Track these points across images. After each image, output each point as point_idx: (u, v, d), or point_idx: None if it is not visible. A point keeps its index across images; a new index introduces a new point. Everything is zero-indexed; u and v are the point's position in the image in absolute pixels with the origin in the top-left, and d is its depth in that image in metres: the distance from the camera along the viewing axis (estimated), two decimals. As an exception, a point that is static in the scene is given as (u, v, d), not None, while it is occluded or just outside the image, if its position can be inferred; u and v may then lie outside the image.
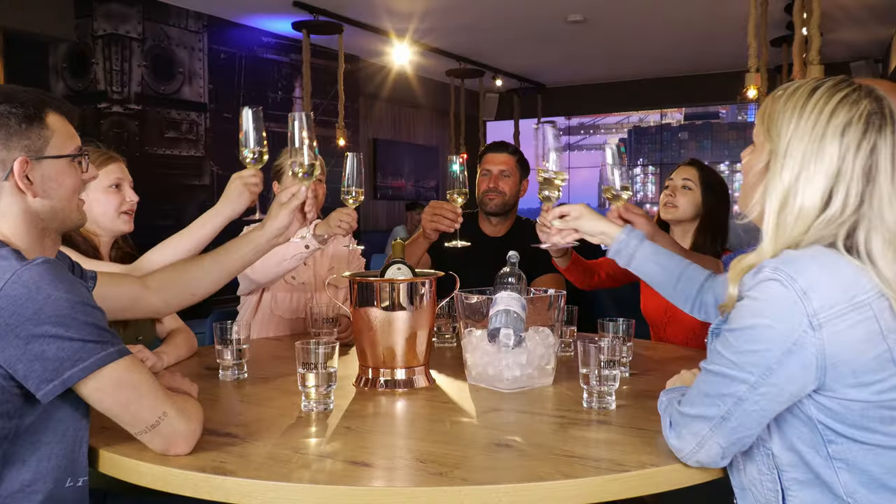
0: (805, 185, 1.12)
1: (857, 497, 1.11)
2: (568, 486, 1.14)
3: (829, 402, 1.10)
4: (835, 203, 1.11)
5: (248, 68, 6.39)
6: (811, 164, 1.12)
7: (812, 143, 1.12)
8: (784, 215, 1.14)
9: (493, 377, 1.69)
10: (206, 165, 5.80)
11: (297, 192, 1.66)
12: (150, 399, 1.20)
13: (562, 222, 1.65)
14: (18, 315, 1.09)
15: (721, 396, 1.13)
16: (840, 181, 1.11)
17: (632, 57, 7.92)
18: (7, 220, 1.23)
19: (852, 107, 1.12)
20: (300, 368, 1.51)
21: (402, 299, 1.69)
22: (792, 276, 1.07)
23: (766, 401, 1.10)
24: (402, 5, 5.84)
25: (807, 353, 1.07)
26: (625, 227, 1.60)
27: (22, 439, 1.17)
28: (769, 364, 1.08)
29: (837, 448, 1.11)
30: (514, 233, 2.80)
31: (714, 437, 1.15)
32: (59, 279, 1.13)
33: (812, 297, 1.06)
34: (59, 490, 1.21)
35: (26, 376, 1.11)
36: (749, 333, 1.10)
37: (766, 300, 1.09)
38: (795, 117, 1.14)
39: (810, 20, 3.92)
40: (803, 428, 1.13)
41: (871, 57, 7.67)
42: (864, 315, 1.06)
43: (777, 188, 1.15)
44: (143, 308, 1.60)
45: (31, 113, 1.23)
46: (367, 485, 1.14)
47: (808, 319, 1.06)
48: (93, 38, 5.34)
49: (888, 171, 1.11)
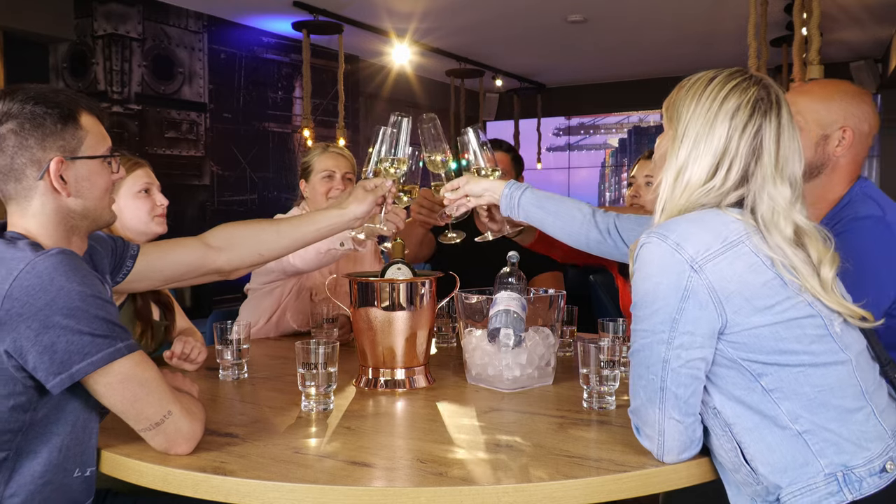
0: (694, 162, 1.24)
1: (801, 422, 1.16)
2: (568, 486, 1.14)
3: (740, 337, 1.17)
4: (717, 176, 1.23)
5: (248, 68, 6.39)
6: (701, 143, 1.24)
7: (704, 125, 1.25)
8: (674, 190, 1.25)
9: (493, 377, 1.69)
10: (206, 165, 5.79)
11: (382, 183, 1.72)
12: (157, 397, 1.20)
13: (453, 193, 1.74)
14: (31, 305, 1.10)
15: (649, 368, 1.19)
16: (725, 158, 1.23)
17: (632, 57, 7.92)
18: (37, 219, 1.24)
19: (742, 94, 1.24)
20: (300, 368, 1.51)
21: (402, 299, 1.69)
22: (664, 234, 1.19)
23: (685, 352, 1.17)
24: (402, 5, 5.84)
25: (699, 294, 1.16)
26: (509, 181, 1.70)
27: (34, 431, 1.19)
28: (672, 315, 1.17)
29: (769, 380, 1.17)
30: (514, 232, 2.79)
31: (665, 413, 1.19)
32: (74, 271, 1.14)
33: (685, 245, 1.17)
34: (68, 479, 1.23)
35: (36, 367, 1.12)
36: (645, 297, 1.20)
37: (648, 262, 1.20)
38: (693, 103, 1.27)
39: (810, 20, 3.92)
40: (732, 373, 1.19)
41: (871, 57, 7.67)
42: (740, 251, 1.17)
43: (672, 165, 1.27)
44: (207, 267, 1.63)
45: (66, 113, 1.25)
46: (367, 485, 1.14)
47: (689, 265, 1.16)
48: (93, 38, 5.34)
49: (772, 151, 1.23)
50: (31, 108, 1.22)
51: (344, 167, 2.51)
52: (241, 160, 6.17)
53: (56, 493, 1.21)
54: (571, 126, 12.00)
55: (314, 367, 1.50)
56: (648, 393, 1.21)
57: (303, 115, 6.05)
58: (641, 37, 7.04)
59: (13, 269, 1.12)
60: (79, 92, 1.38)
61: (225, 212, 5.90)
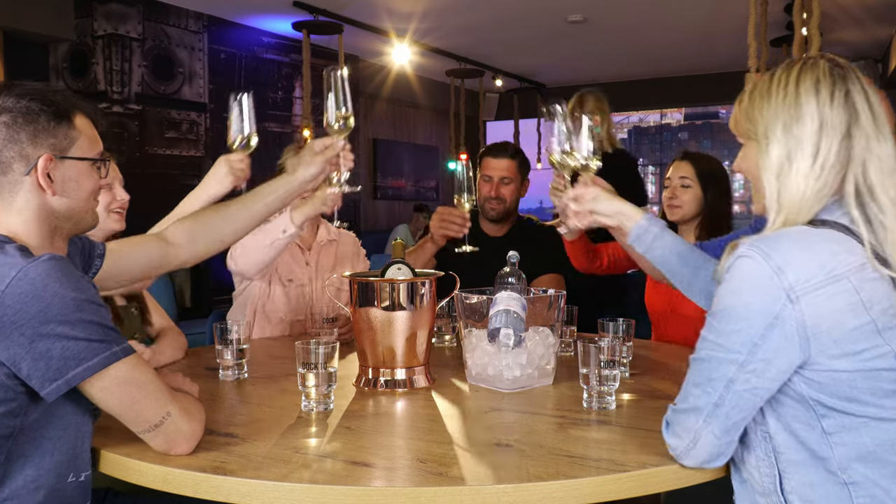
0: (795, 151, 1.17)
1: (850, 472, 1.12)
2: (568, 486, 1.14)
3: (817, 376, 1.11)
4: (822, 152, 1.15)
5: (248, 68, 6.39)
6: (793, 129, 1.17)
7: (788, 111, 1.17)
8: (784, 186, 1.17)
9: (493, 377, 1.69)
10: (206, 165, 5.76)
11: (332, 143, 1.67)
12: (155, 398, 1.20)
13: (577, 205, 1.59)
14: (24, 313, 1.09)
15: (711, 382, 1.14)
16: (824, 132, 1.15)
17: (632, 57, 7.92)
18: (21, 216, 1.24)
19: (812, 69, 1.18)
20: (300, 368, 1.51)
21: (402, 299, 1.69)
22: (767, 252, 1.10)
23: (756, 378, 1.12)
24: (402, 5, 5.84)
25: (787, 325, 1.09)
26: (646, 212, 1.59)
27: (26, 436, 1.17)
28: (754, 340, 1.10)
29: (830, 423, 1.12)
30: (515, 233, 2.80)
31: (708, 427, 1.15)
32: (67, 276, 1.13)
33: (787, 271, 1.08)
34: (62, 485, 1.21)
35: (30, 375, 1.11)
36: (730, 313, 1.12)
37: (743, 278, 1.12)
38: (765, 101, 1.20)
39: (810, 20, 3.92)
40: (796, 406, 1.14)
41: (871, 57, 7.67)
42: (842, 287, 1.09)
43: (770, 167, 1.19)
44: (172, 262, 1.62)
45: (61, 113, 1.24)
46: (367, 485, 1.14)
47: (786, 293, 1.08)
48: (93, 38, 5.34)
49: (867, 111, 1.17)
50: (26, 104, 1.21)
51: None
52: (240, 160, 6.17)
53: (50, 498, 1.19)
54: (571, 126, 11.98)
55: (314, 367, 1.50)
56: (699, 403, 1.15)
57: (303, 115, 6.06)
58: (641, 37, 7.04)
59: (4, 276, 1.10)
60: (78, 94, 1.38)
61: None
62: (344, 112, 1.69)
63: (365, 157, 8.23)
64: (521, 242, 2.70)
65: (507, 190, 2.72)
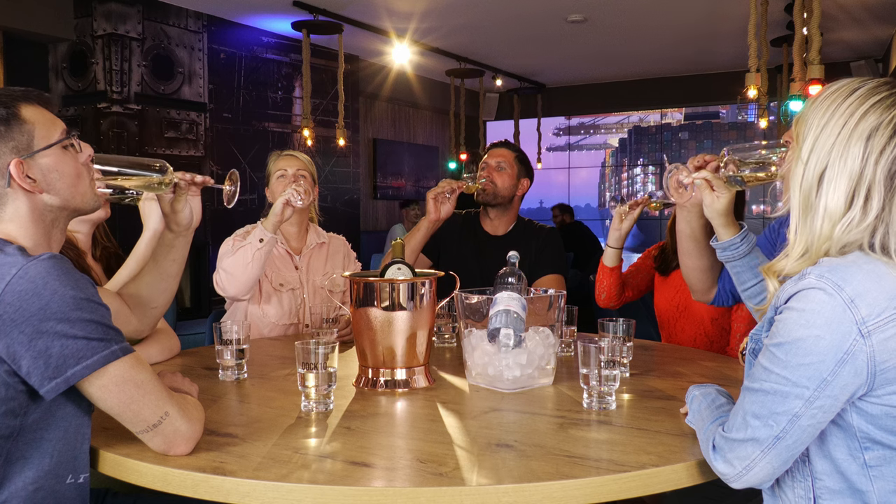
0: (828, 184, 1.13)
1: None
2: (568, 487, 1.14)
3: (871, 408, 1.09)
4: (855, 206, 1.11)
5: (248, 68, 6.39)
6: (836, 163, 1.12)
7: (839, 142, 1.12)
8: (809, 212, 1.15)
9: (493, 377, 1.69)
10: (206, 165, 5.79)
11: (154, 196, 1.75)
12: (153, 398, 1.20)
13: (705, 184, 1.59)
14: (24, 310, 1.09)
15: (774, 416, 1.10)
16: (861, 184, 1.11)
17: (632, 57, 7.92)
18: (15, 223, 1.24)
19: (884, 112, 1.11)
20: (300, 368, 1.51)
21: (402, 299, 1.69)
22: (838, 285, 1.06)
23: (822, 413, 1.08)
24: (402, 5, 5.84)
25: (858, 361, 1.05)
26: (743, 227, 1.63)
27: (25, 437, 1.17)
28: (824, 376, 1.06)
29: (873, 455, 1.10)
30: (516, 232, 2.80)
31: (766, 457, 1.11)
32: (66, 275, 1.13)
33: (860, 304, 1.05)
34: (61, 486, 1.21)
35: (29, 372, 1.11)
36: (799, 346, 1.08)
37: (814, 311, 1.07)
38: (828, 115, 1.15)
39: (810, 20, 3.92)
40: (842, 435, 1.12)
41: (871, 57, 7.67)
42: None
43: (804, 181, 1.16)
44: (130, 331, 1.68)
45: (4, 113, 1.22)
46: (367, 485, 1.14)
47: (858, 328, 1.05)
48: (93, 37, 5.34)
49: None
50: None
51: (295, 165, 2.59)
52: (240, 160, 6.18)
53: (48, 499, 1.19)
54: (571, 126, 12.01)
55: (314, 367, 1.50)
56: (759, 434, 1.11)
57: (303, 115, 6.05)
58: (641, 37, 7.04)
59: (5, 274, 1.10)
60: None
61: (225, 211, 5.88)
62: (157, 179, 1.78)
63: (365, 157, 8.23)
64: (522, 243, 2.71)
65: (500, 176, 2.75)
